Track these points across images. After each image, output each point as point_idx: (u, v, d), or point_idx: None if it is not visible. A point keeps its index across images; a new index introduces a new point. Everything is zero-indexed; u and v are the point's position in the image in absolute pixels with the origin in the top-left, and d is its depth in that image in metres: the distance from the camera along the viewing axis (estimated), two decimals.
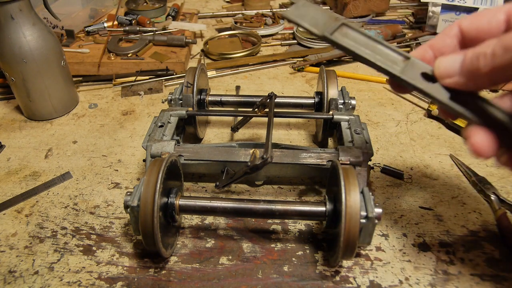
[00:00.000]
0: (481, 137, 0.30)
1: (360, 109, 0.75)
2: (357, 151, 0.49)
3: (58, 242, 0.50)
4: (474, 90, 0.32)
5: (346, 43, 0.41)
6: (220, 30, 1.08)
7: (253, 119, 0.69)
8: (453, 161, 0.62)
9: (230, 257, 0.47)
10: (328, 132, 0.61)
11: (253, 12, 1.15)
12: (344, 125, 0.56)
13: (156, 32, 0.95)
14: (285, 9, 0.42)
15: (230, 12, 1.20)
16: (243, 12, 1.17)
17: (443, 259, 0.47)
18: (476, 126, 0.31)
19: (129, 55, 0.88)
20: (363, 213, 0.40)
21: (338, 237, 0.40)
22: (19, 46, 0.65)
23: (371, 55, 0.40)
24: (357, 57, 0.41)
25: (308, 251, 0.48)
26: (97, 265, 0.47)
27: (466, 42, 0.34)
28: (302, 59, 0.93)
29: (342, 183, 0.40)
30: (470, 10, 0.92)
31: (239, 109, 0.69)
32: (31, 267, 0.46)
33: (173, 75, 0.85)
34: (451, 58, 0.31)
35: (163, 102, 0.78)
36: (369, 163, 0.52)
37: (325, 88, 0.60)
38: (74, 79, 0.81)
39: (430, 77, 0.36)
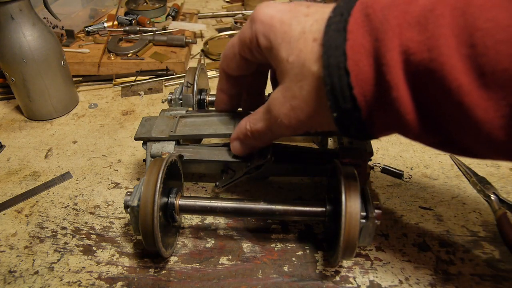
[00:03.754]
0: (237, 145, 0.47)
1: None
2: (357, 151, 0.49)
3: (58, 242, 0.50)
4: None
5: (186, 131, 0.51)
6: (220, 30, 1.08)
7: None
8: (453, 161, 0.62)
9: (230, 257, 0.47)
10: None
11: None
12: None
13: (156, 32, 0.95)
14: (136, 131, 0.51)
15: (230, 12, 1.20)
16: (243, 12, 1.17)
17: (443, 259, 0.47)
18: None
19: (129, 55, 0.88)
20: (363, 213, 0.40)
21: (338, 237, 0.40)
22: (19, 46, 0.65)
23: (209, 130, 0.50)
24: (201, 137, 0.54)
25: (308, 251, 0.48)
26: (97, 265, 0.47)
27: (231, 79, 0.47)
28: None
29: (342, 183, 0.40)
30: None
31: (239, 109, 0.69)
32: (31, 267, 0.46)
33: (173, 75, 0.85)
34: (233, 144, 0.48)
35: (163, 102, 0.78)
36: (369, 163, 0.52)
37: None
38: (74, 79, 0.81)
39: None
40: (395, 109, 0.28)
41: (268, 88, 0.50)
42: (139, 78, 0.83)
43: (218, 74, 0.87)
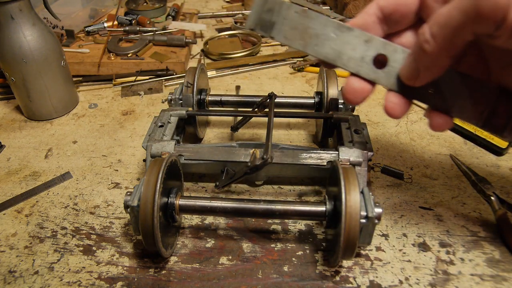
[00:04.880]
0: (394, 99, 0.35)
1: (360, 109, 0.75)
2: (357, 151, 0.49)
3: (58, 242, 0.50)
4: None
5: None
6: (220, 30, 1.08)
7: (253, 119, 0.69)
8: (453, 161, 0.62)
9: (230, 257, 0.47)
10: (328, 132, 0.61)
11: None
12: (344, 125, 0.56)
13: (156, 32, 0.95)
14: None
15: (230, 12, 1.20)
16: (243, 12, 1.17)
17: (443, 259, 0.47)
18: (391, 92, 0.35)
19: (129, 55, 0.88)
20: (363, 213, 0.40)
21: (338, 237, 0.40)
22: (19, 46, 0.65)
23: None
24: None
25: (308, 251, 0.48)
26: (97, 265, 0.47)
27: (385, 17, 0.36)
28: (302, 59, 0.93)
29: (342, 183, 0.40)
30: None
31: (239, 109, 0.69)
32: (31, 267, 0.46)
33: (173, 75, 0.85)
34: (406, 65, 0.33)
35: (163, 102, 0.78)
36: (369, 163, 0.52)
37: (325, 88, 0.60)
38: (74, 79, 0.81)
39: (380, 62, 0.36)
40: None
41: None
42: (139, 78, 0.83)
43: (218, 74, 0.87)
